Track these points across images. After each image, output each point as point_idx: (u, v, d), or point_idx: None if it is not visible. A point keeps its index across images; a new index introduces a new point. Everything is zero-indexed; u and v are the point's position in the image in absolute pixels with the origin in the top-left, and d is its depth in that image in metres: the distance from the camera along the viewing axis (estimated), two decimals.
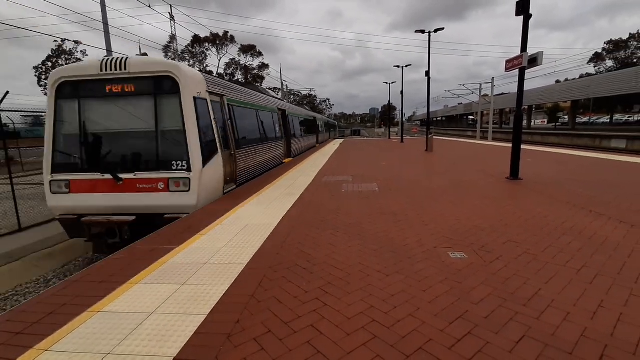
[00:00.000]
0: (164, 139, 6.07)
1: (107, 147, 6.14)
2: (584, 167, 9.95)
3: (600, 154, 13.64)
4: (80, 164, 6.10)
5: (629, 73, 28.04)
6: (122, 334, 2.33)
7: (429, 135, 17.52)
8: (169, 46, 44.30)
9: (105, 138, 6.17)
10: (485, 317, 2.43)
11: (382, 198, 6.50)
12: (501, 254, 3.58)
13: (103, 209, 5.98)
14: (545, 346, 2.10)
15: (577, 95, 34.95)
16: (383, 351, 2.10)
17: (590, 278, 2.99)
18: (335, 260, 3.54)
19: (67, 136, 6.18)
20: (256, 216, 5.41)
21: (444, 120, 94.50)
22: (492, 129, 33.24)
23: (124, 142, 6.14)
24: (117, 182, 5.89)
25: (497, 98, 41.94)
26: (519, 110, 7.86)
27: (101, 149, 6.14)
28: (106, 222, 5.77)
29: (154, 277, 3.24)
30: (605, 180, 7.58)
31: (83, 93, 6.10)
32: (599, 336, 2.18)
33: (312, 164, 12.86)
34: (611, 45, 53.45)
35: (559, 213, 5.07)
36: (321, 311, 2.58)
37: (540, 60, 7.45)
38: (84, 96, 6.10)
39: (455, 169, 10.39)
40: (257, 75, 54.77)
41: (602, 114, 61.32)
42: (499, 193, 6.68)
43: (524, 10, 7.38)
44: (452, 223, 4.74)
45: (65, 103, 6.15)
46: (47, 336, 2.37)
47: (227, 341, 2.23)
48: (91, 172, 6.00)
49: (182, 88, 5.97)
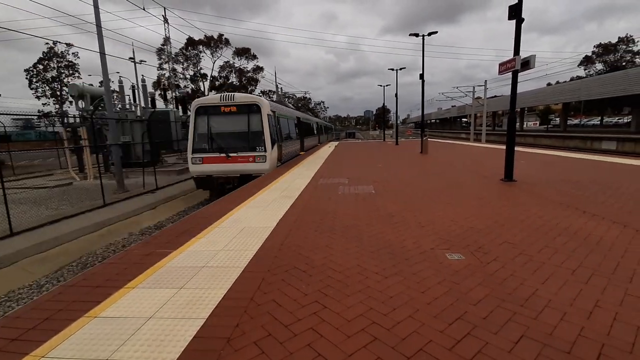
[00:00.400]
0: (252, 135, 11.25)
1: (222, 140, 11.19)
2: (576, 168, 10.10)
3: (591, 156, 13.85)
4: (208, 148, 11.16)
5: (619, 76, 28.56)
6: (120, 340, 2.30)
7: (423, 138, 17.63)
8: (163, 49, 44.08)
9: (221, 135, 11.27)
10: (484, 318, 2.45)
11: (379, 200, 6.52)
12: (498, 255, 3.61)
13: (221, 172, 11.06)
14: (544, 346, 2.12)
15: (568, 98, 35.48)
16: (384, 353, 2.10)
17: (585, 278, 3.03)
18: (334, 263, 3.55)
19: (200, 134, 11.31)
20: (253, 219, 5.39)
21: (438, 122, 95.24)
22: (485, 131, 33.57)
23: (230, 137, 11.25)
24: (227, 157, 10.98)
25: (490, 100, 42.42)
26: (512, 112, 7.95)
27: (219, 140, 11.19)
28: (226, 177, 11.07)
29: (150, 282, 3.21)
30: (597, 181, 7.70)
31: (209, 112, 11.34)
32: (596, 335, 2.21)
33: (308, 166, 12.86)
34: (601, 49, 54.42)
35: (553, 214, 5.13)
36: (321, 314, 2.58)
37: (532, 63, 7.55)
38: (210, 113, 11.32)
39: (450, 170, 10.47)
40: (252, 78, 54.73)
41: (592, 116, 62.35)
42: (494, 194, 6.74)
43: (517, 14, 7.49)
44: (448, 224, 4.77)
45: (200, 117, 11.33)
46: (43, 342, 2.33)
47: (227, 345, 2.21)
48: (214, 152, 11.05)
49: (262, 110, 11.33)
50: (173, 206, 11.89)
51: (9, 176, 14.98)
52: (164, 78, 46.57)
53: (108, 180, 12.35)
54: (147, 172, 13.15)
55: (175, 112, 23.03)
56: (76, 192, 12.50)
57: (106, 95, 12.34)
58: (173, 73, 47.22)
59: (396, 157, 15.76)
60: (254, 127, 11.25)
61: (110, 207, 10.10)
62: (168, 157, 25.02)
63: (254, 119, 11.26)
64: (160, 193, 12.40)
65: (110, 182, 12.43)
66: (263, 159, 11.06)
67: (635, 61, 51.23)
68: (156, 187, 12.68)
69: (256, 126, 11.24)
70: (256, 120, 11.25)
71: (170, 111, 22.19)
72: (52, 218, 8.52)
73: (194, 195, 13.29)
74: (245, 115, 11.27)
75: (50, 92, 50.69)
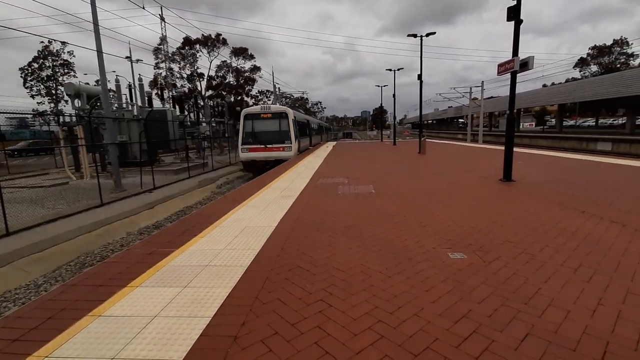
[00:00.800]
0: (282, 133, 16.56)
1: (262, 136, 16.33)
2: (573, 168, 10.18)
3: (587, 156, 13.97)
4: (252, 142, 16.33)
5: (613, 78, 28.82)
6: (126, 338, 2.29)
7: (421, 138, 17.69)
8: (159, 48, 43.86)
9: (261, 133, 16.41)
10: (489, 316, 2.46)
11: (379, 200, 6.54)
12: (499, 254, 3.63)
13: (261, 157, 16.21)
14: (549, 344, 2.14)
15: (564, 99, 35.76)
16: (391, 351, 2.11)
17: (587, 277, 3.05)
18: (337, 262, 3.55)
19: (247, 132, 16.50)
20: (254, 218, 5.38)
21: (435, 123, 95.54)
22: (482, 132, 33.76)
23: (267, 134, 16.36)
24: (265, 148, 16.19)
25: (487, 101, 42.65)
26: (511, 113, 8.01)
27: (259, 137, 16.35)
28: (265, 161, 16.20)
29: (154, 280, 3.19)
30: (594, 182, 7.77)
31: (254, 117, 16.66)
32: (600, 333, 2.23)
33: (307, 166, 12.86)
34: (595, 51, 54.95)
35: (552, 214, 5.17)
36: (326, 312, 2.58)
37: (531, 64, 7.61)
38: (254, 119, 16.62)
39: (449, 170, 10.52)
40: (249, 78, 54.58)
41: (587, 117, 62.90)
42: (493, 194, 6.78)
43: (515, 16, 7.55)
44: (449, 224, 4.80)
45: (247, 121, 16.56)
46: (47, 342, 2.31)
47: (234, 343, 2.21)
48: (256, 144, 16.26)
49: (288, 117, 16.76)
50: (171, 206, 11.85)
51: (4, 175, 14.83)
52: (160, 77, 46.32)
53: (105, 180, 12.25)
54: (145, 171, 13.08)
55: (172, 111, 22.93)
56: (72, 191, 12.40)
57: (103, 94, 12.26)
58: (170, 72, 47.02)
59: (394, 157, 15.81)
60: (283, 128, 16.82)
61: (108, 206, 10.02)
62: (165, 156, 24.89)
63: (283, 123, 16.85)
64: (158, 193, 12.34)
65: (107, 182, 12.35)
66: (289, 149, 16.63)
67: (629, 63, 51.79)
68: (153, 186, 12.62)
69: (285, 127, 16.82)
70: (285, 123, 16.85)
71: (168, 110, 22.09)
72: (48, 217, 8.44)
73: (192, 194, 13.25)
74: (278, 120, 16.85)
75: (45, 90, 50.22)
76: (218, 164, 20.73)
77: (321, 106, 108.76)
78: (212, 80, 52.61)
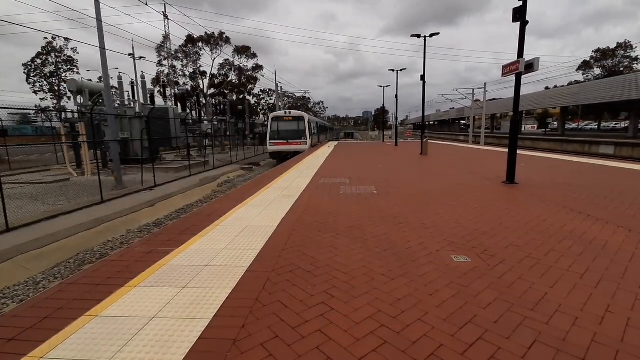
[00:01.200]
0: (300, 132, 23.48)
1: (285, 134, 23.35)
2: (576, 171, 10.10)
3: (589, 159, 13.87)
4: (277, 138, 23.35)
5: (616, 81, 28.66)
6: (123, 340, 2.24)
7: (423, 139, 17.61)
8: (162, 46, 43.82)
9: (285, 132, 23.39)
10: (495, 322, 2.40)
11: (381, 200, 6.48)
12: (504, 258, 3.57)
13: (284, 150, 22.94)
14: (557, 351, 2.08)
15: (566, 102, 35.58)
16: (394, 357, 2.05)
17: (594, 282, 2.99)
18: (339, 264, 3.49)
19: (274, 131, 23.49)
20: (255, 218, 5.33)
21: (436, 124, 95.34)
22: (484, 134, 33.64)
23: (289, 133, 23.35)
24: (287, 142, 23.14)
25: (489, 103, 42.51)
26: (515, 115, 7.93)
27: (283, 134, 23.35)
28: (287, 152, 22.55)
29: (153, 280, 3.14)
30: (597, 185, 7.69)
31: (279, 120, 23.88)
32: (609, 341, 2.17)
33: (308, 165, 12.80)
34: (599, 54, 54.65)
35: (557, 217, 5.11)
36: (328, 315, 2.52)
37: (536, 66, 7.53)
38: (279, 121, 23.80)
39: (451, 172, 10.45)
40: (251, 77, 54.47)
41: (589, 120, 62.66)
42: (496, 197, 6.72)
43: (521, 17, 7.47)
44: (452, 226, 4.73)
45: (274, 122, 23.77)
46: (42, 342, 2.26)
47: (234, 347, 2.15)
48: (281, 140, 23.30)
49: (305, 120, 23.88)
50: (172, 204, 11.81)
51: (5, 171, 14.81)
52: (163, 75, 46.30)
53: (106, 177, 12.22)
54: (146, 169, 13.05)
55: (174, 109, 22.90)
56: (73, 188, 12.37)
57: (105, 91, 12.24)
58: (172, 70, 46.99)
59: (396, 158, 15.74)
60: (300, 128, 23.28)
61: (108, 203, 9.99)
62: (166, 154, 24.82)
63: (300, 124, 23.43)
64: (159, 190, 12.30)
65: (108, 179, 12.32)
66: (305, 143, 22.98)
67: (633, 66, 51.51)
68: (154, 184, 12.59)
69: (302, 127, 23.27)
70: (302, 124, 23.37)
71: (170, 108, 22.06)
72: (49, 214, 8.41)
73: (193, 192, 13.22)
74: (297, 122, 23.52)
75: (48, 87, 50.25)
76: (219, 162, 20.71)
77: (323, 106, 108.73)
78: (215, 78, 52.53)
